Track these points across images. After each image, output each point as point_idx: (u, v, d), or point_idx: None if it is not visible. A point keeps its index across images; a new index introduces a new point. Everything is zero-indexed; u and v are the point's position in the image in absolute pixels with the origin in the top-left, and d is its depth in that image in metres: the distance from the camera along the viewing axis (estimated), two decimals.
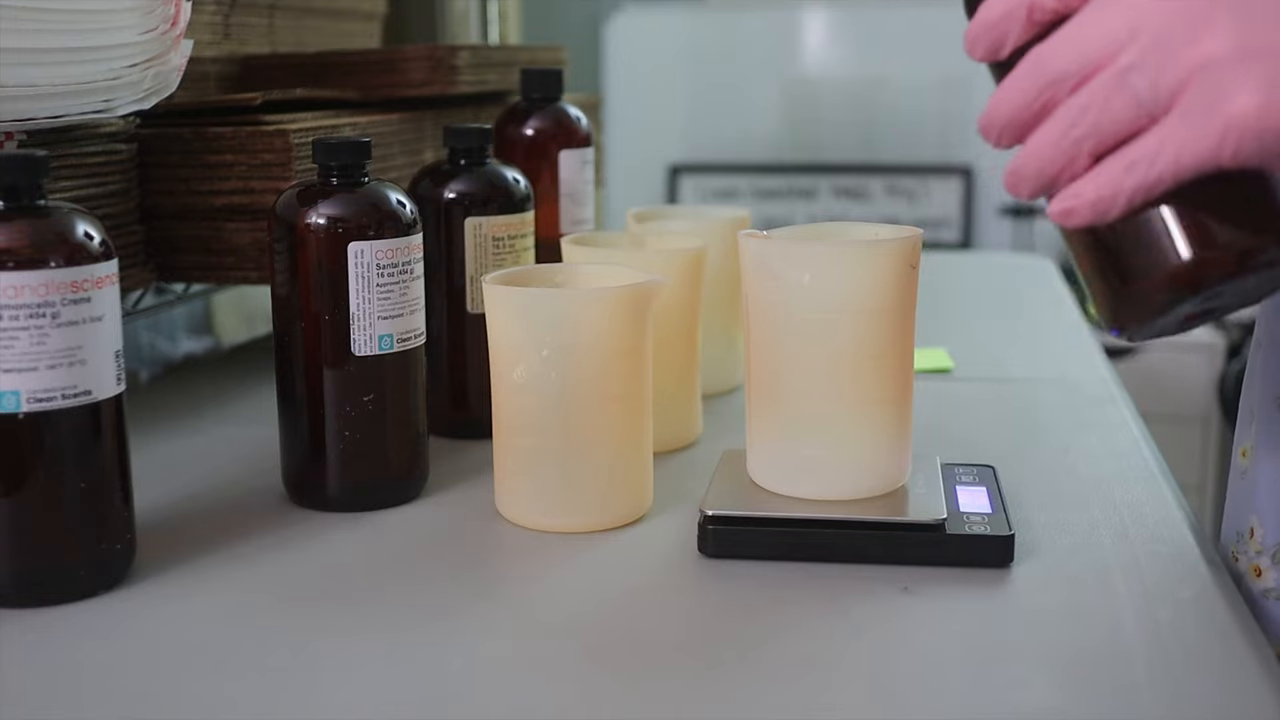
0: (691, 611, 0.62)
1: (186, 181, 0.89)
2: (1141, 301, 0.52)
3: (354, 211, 0.71)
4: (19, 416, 0.59)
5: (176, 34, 0.79)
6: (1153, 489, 0.77)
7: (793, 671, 0.55)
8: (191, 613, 0.62)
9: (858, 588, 0.63)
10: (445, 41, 1.67)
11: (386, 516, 0.74)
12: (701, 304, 0.86)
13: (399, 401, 0.74)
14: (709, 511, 0.67)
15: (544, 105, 0.97)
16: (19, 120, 0.73)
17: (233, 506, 0.76)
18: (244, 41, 1.07)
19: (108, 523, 0.63)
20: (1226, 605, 0.61)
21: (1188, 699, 0.53)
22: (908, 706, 0.53)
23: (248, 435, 0.88)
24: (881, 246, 0.67)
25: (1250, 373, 0.73)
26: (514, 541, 0.70)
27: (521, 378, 0.70)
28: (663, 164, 3.12)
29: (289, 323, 0.73)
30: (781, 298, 0.68)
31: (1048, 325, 1.26)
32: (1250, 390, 0.73)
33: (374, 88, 1.02)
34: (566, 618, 0.61)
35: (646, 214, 1.01)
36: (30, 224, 0.59)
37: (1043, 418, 0.92)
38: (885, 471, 0.69)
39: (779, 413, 0.69)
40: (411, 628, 0.60)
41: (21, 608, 0.61)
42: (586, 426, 0.70)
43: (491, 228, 0.84)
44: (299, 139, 0.86)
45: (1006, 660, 0.56)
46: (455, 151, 0.85)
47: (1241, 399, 0.74)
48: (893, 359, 0.68)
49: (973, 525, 0.66)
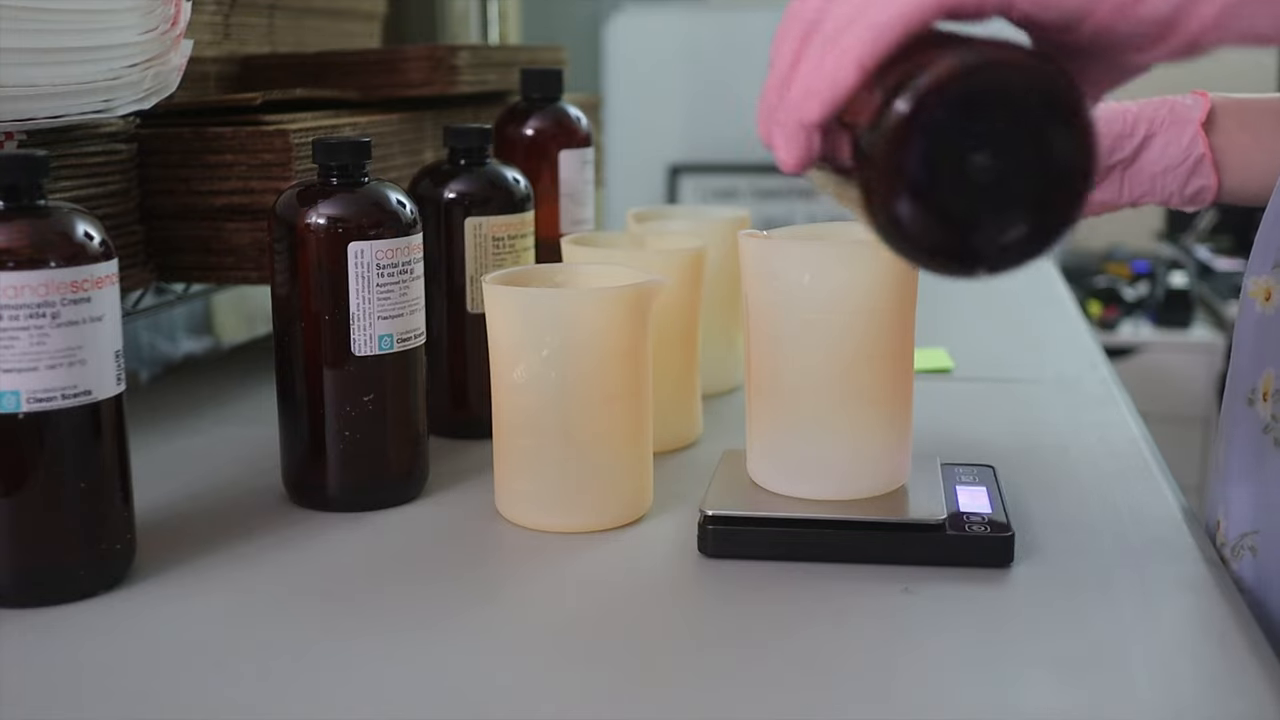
0: (691, 611, 0.62)
1: (186, 181, 0.89)
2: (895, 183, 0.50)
3: (354, 211, 0.71)
4: (19, 416, 0.59)
5: (176, 34, 0.79)
6: (1153, 489, 0.77)
7: (793, 671, 0.55)
8: (191, 613, 0.62)
9: (858, 588, 0.63)
10: (445, 41, 1.67)
11: (386, 516, 0.74)
12: (701, 304, 0.86)
13: (399, 401, 0.74)
14: (709, 511, 0.67)
15: (544, 105, 0.97)
16: (19, 120, 0.73)
17: (233, 506, 0.76)
18: (244, 41, 1.07)
19: (108, 523, 0.63)
20: (1226, 605, 0.61)
21: (1188, 699, 0.53)
22: (908, 706, 0.53)
23: (248, 435, 0.88)
24: (881, 246, 0.67)
25: (1230, 374, 0.74)
26: (514, 541, 0.70)
27: (521, 378, 0.70)
28: (663, 164, 3.11)
29: (289, 323, 0.73)
30: (781, 298, 0.68)
31: (1048, 325, 1.26)
32: (1229, 387, 0.74)
33: (374, 88, 1.02)
34: (566, 618, 0.61)
35: (646, 214, 1.01)
36: (30, 224, 0.59)
37: (1043, 418, 0.92)
38: (885, 471, 0.69)
39: (779, 413, 0.69)
40: (411, 628, 0.60)
41: (21, 608, 0.61)
42: (586, 426, 0.70)
43: (491, 228, 0.84)
44: (299, 139, 0.86)
45: (1006, 660, 0.56)
46: (455, 151, 0.85)
47: (1224, 397, 0.75)
48: (893, 359, 0.68)
49: (973, 525, 0.66)
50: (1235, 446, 0.71)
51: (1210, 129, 0.81)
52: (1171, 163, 0.82)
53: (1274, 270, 0.70)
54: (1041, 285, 1.48)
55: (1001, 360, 1.10)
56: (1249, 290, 0.71)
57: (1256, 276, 0.71)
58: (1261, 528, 0.67)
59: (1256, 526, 0.68)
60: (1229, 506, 0.71)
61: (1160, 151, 0.82)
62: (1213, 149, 0.81)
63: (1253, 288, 0.71)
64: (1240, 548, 0.69)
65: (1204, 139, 0.81)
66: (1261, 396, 0.69)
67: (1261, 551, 0.67)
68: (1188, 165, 0.82)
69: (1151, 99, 0.83)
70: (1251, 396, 0.70)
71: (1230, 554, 0.70)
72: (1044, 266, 1.62)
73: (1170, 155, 0.82)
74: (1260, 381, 0.69)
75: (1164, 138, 0.82)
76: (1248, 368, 0.71)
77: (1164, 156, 0.82)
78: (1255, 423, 0.69)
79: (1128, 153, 0.82)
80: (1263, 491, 0.68)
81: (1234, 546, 0.69)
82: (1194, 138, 0.81)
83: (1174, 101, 0.83)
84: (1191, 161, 0.82)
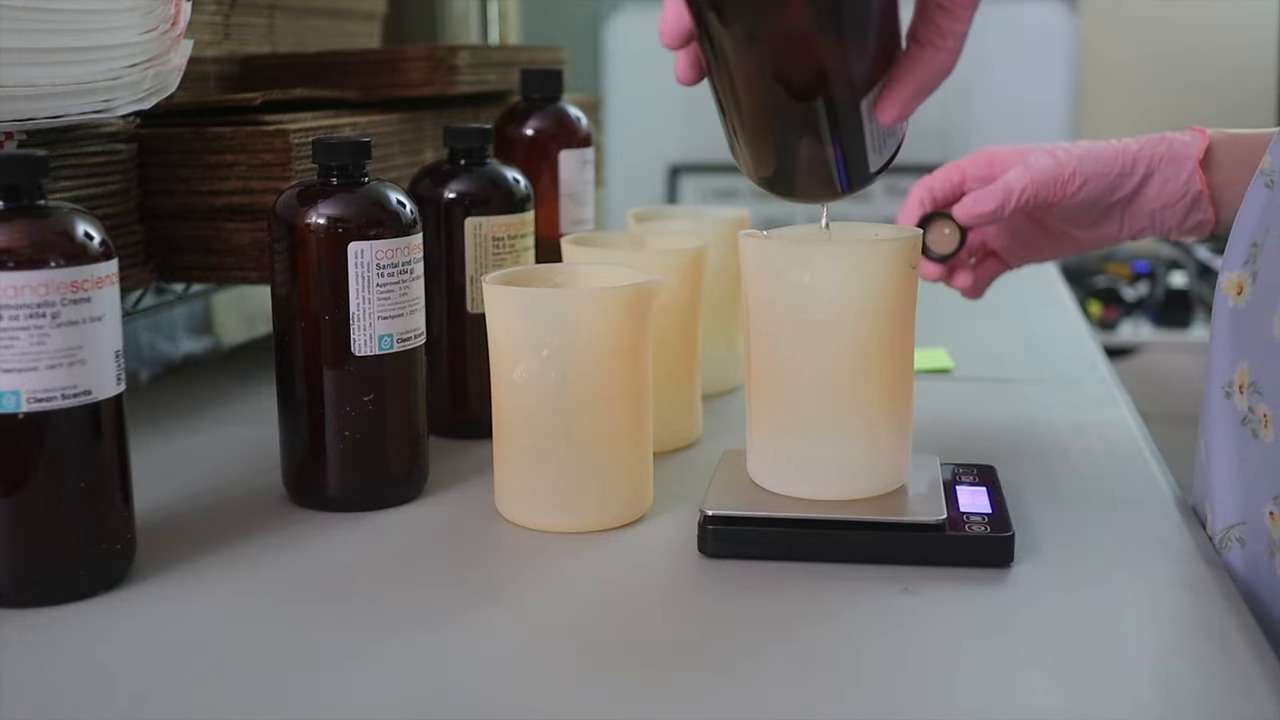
0: (691, 611, 0.62)
1: (186, 181, 0.89)
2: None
3: (354, 211, 0.71)
4: (19, 416, 0.59)
5: (176, 34, 0.79)
6: (1153, 489, 0.77)
7: (793, 671, 0.55)
8: (191, 613, 0.62)
9: (858, 588, 0.63)
10: (445, 41, 1.67)
11: (386, 516, 0.74)
12: (701, 304, 0.86)
13: (399, 401, 0.74)
14: (709, 511, 0.67)
15: (544, 105, 0.97)
16: (19, 120, 0.73)
17: (233, 506, 0.76)
18: (244, 41, 1.07)
19: (108, 523, 0.63)
20: (1226, 605, 0.61)
21: (1188, 699, 0.53)
22: (908, 706, 0.53)
23: (248, 435, 0.88)
24: (881, 246, 0.67)
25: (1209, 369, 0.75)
26: (514, 541, 0.70)
27: (521, 378, 0.70)
28: (663, 164, 3.11)
29: (289, 323, 0.73)
30: (781, 298, 0.68)
31: (1048, 325, 1.26)
32: (1208, 382, 0.74)
33: (374, 88, 1.02)
34: (566, 618, 0.61)
35: (646, 214, 1.01)
36: (30, 224, 0.59)
37: (1043, 418, 0.92)
38: (885, 471, 0.69)
39: (779, 413, 0.69)
40: (411, 628, 0.60)
41: (21, 608, 0.61)
42: (586, 426, 0.70)
43: (491, 228, 0.84)
44: (299, 139, 0.86)
45: (1006, 660, 0.56)
46: (455, 151, 0.85)
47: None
48: (893, 359, 0.68)
49: (973, 525, 0.66)
50: (1216, 440, 0.72)
51: (1208, 165, 0.83)
52: (1170, 199, 0.84)
53: (1245, 266, 0.70)
54: (1041, 285, 1.47)
55: (1001, 360, 1.10)
56: (1223, 286, 0.72)
57: (1230, 272, 0.72)
58: (1248, 518, 0.68)
59: (1243, 517, 0.68)
60: (1214, 500, 0.71)
61: (1159, 189, 0.84)
62: (1210, 185, 0.83)
63: (1226, 283, 0.72)
64: (1228, 539, 0.69)
65: (1201, 176, 0.83)
66: (1238, 389, 0.69)
67: (1250, 542, 0.67)
68: (1185, 202, 0.84)
69: (1151, 136, 0.85)
70: (1228, 390, 0.70)
71: (1219, 546, 0.70)
72: (1044, 266, 1.62)
73: (1169, 192, 0.84)
74: (1235, 375, 0.70)
75: (1162, 175, 0.84)
76: (1224, 362, 0.71)
77: (1162, 194, 0.84)
78: (1233, 415, 0.70)
79: (1127, 191, 0.84)
80: (1245, 483, 0.68)
81: (1221, 538, 0.70)
82: (1191, 175, 0.83)
83: (1172, 138, 0.84)
84: (1189, 198, 0.83)
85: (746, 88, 0.57)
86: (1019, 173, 0.83)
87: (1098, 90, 3.05)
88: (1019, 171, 0.83)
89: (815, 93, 0.56)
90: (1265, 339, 0.67)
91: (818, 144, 0.59)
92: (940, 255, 0.88)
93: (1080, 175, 0.83)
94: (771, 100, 0.57)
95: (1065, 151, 0.84)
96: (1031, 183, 0.83)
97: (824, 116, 0.58)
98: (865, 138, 0.60)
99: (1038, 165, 0.83)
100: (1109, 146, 0.84)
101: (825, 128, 0.58)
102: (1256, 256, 0.69)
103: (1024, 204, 0.83)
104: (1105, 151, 0.84)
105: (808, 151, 0.60)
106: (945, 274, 0.91)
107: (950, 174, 0.88)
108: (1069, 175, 0.83)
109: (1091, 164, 0.84)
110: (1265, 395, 0.67)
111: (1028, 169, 0.83)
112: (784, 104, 0.57)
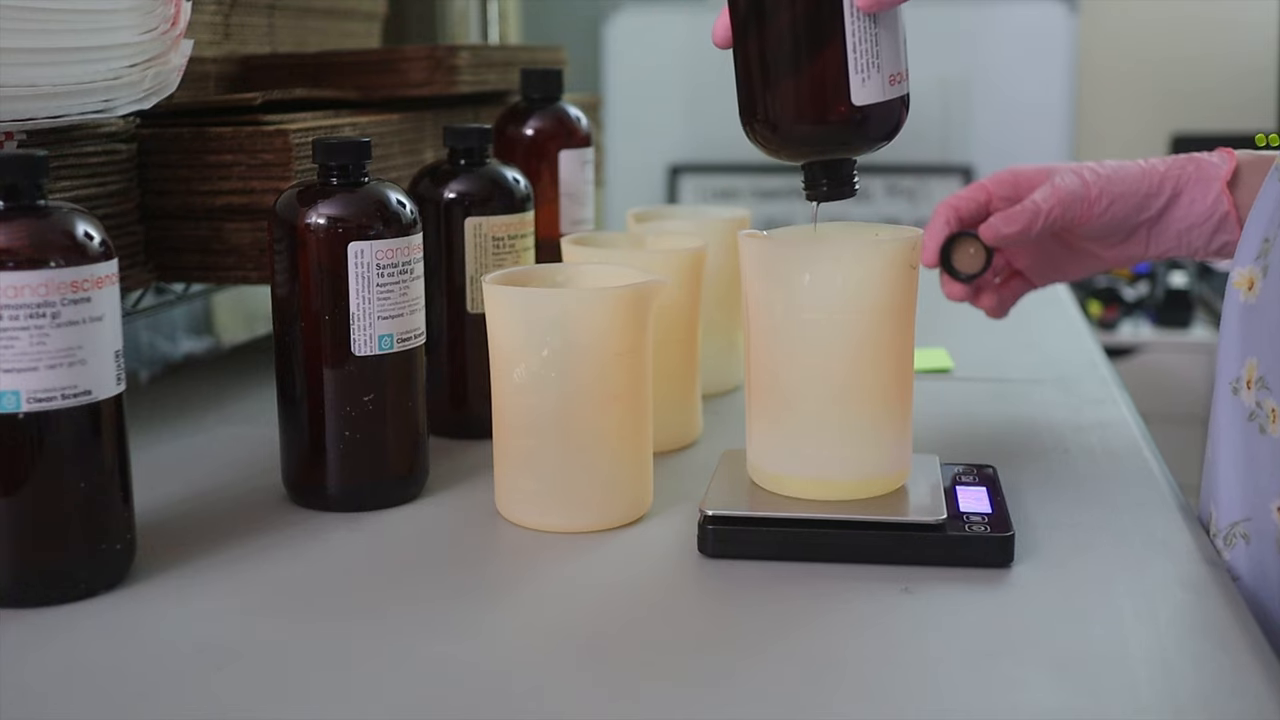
0: (691, 611, 0.62)
1: (186, 181, 0.88)
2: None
3: (354, 211, 0.71)
4: (19, 416, 0.59)
5: (176, 34, 0.79)
6: (1153, 489, 0.77)
7: (793, 671, 0.55)
8: (191, 613, 0.62)
9: (858, 588, 0.63)
10: (445, 41, 1.67)
11: (386, 516, 0.74)
12: (701, 304, 0.86)
13: (399, 401, 0.74)
14: (709, 511, 0.67)
15: (544, 105, 0.97)
16: (19, 120, 0.73)
17: (233, 506, 0.76)
18: (244, 41, 1.07)
19: (108, 523, 0.63)
20: (1226, 605, 0.61)
21: (1188, 699, 0.53)
22: (908, 706, 0.53)
23: (248, 435, 0.88)
24: (881, 246, 0.67)
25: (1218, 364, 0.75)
26: (514, 541, 0.70)
27: (521, 378, 0.70)
28: (663, 164, 3.11)
29: (289, 323, 0.73)
30: (781, 298, 0.68)
31: (1048, 325, 1.26)
32: (1217, 377, 0.74)
33: (374, 88, 1.02)
34: (566, 618, 0.61)
35: (646, 214, 1.01)
36: (30, 224, 0.59)
37: (1043, 418, 0.92)
38: (885, 472, 0.69)
39: (779, 413, 0.69)
40: (411, 628, 0.60)
41: (21, 608, 0.61)
42: (586, 426, 0.70)
43: (491, 228, 0.84)
44: (299, 139, 0.86)
45: (1006, 660, 0.56)
46: (455, 151, 0.85)
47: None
48: (893, 359, 0.68)
49: (973, 525, 0.66)
50: (1223, 435, 0.72)
51: (1235, 186, 0.82)
52: (1196, 220, 0.83)
53: (1256, 261, 0.70)
54: None
55: (1001, 360, 1.10)
56: (1234, 281, 0.72)
57: (1241, 267, 0.72)
58: (1253, 515, 0.68)
59: (1247, 514, 0.68)
60: (1219, 495, 0.71)
61: (1186, 209, 0.83)
62: (1237, 206, 0.82)
63: (1237, 278, 0.72)
64: (1233, 535, 0.69)
65: (1229, 196, 0.82)
66: (1245, 385, 0.69)
67: (1254, 539, 0.67)
68: (1212, 222, 0.83)
69: (1178, 156, 0.84)
70: (1236, 385, 0.70)
71: (1223, 543, 0.70)
72: None
73: (1195, 213, 0.83)
74: (1244, 370, 0.70)
75: (1189, 195, 0.83)
76: (1233, 357, 0.71)
77: (1189, 214, 0.83)
78: (1240, 411, 0.70)
79: (1154, 211, 0.84)
80: (1251, 479, 0.68)
81: (1226, 535, 0.70)
82: (1219, 196, 0.82)
83: (1200, 159, 0.84)
84: (1216, 219, 0.83)
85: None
86: (1045, 193, 0.83)
87: (1097, 90, 3.05)
88: (1045, 191, 0.83)
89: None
90: (1275, 334, 0.67)
91: (829, 48, 0.64)
92: (966, 275, 0.87)
93: (1107, 195, 0.83)
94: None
95: (1092, 171, 0.84)
96: (1058, 203, 0.82)
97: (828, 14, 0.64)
98: (871, 44, 0.67)
99: (1064, 185, 0.83)
100: (1136, 166, 0.84)
101: (834, 29, 0.64)
102: (1268, 252, 0.69)
103: (1050, 224, 0.83)
104: (1132, 171, 0.83)
105: (825, 61, 0.65)
106: (971, 294, 0.90)
107: (976, 194, 0.87)
108: (1096, 195, 0.83)
109: (1118, 184, 0.83)
110: (1274, 390, 0.67)
111: (1054, 189, 0.83)
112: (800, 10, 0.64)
